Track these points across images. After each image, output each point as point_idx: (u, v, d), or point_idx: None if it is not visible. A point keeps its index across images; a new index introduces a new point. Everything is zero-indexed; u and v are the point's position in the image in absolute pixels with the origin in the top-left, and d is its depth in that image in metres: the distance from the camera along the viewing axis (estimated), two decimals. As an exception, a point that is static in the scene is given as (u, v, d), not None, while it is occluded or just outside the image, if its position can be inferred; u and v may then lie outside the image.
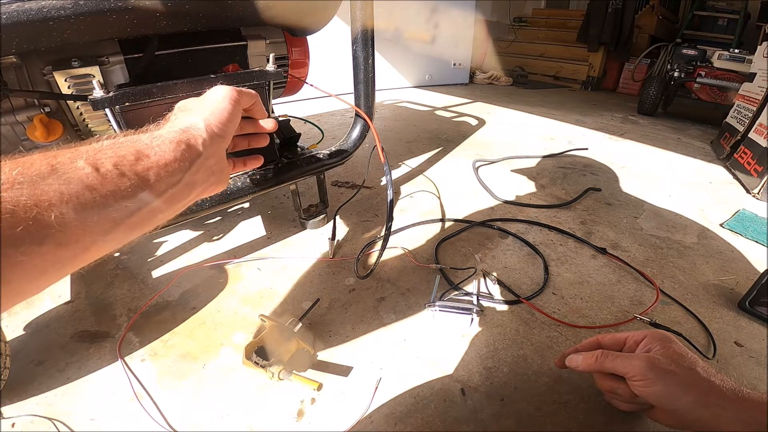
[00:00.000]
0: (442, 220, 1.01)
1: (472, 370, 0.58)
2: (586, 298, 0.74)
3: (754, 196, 1.24)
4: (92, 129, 0.70)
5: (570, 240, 0.94)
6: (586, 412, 0.52)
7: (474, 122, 2.04)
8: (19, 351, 0.59)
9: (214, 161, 0.35)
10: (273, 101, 0.81)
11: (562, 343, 0.63)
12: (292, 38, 0.86)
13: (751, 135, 1.42)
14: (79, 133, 0.71)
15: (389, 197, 0.70)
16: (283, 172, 0.78)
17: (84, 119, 0.68)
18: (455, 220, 1.01)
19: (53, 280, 0.25)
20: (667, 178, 1.38)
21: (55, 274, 0.25)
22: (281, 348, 0.55)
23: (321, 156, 0.85)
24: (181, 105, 0.39)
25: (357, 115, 0.88)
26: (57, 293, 0.72)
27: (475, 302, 0.69)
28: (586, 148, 1.62)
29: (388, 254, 0.85)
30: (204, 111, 0.36)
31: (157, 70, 0.66)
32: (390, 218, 0.68)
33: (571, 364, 0.51)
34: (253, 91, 0.42)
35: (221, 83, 0.55)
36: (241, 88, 0.40)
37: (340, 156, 0.87)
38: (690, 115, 2.45)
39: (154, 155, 0.29)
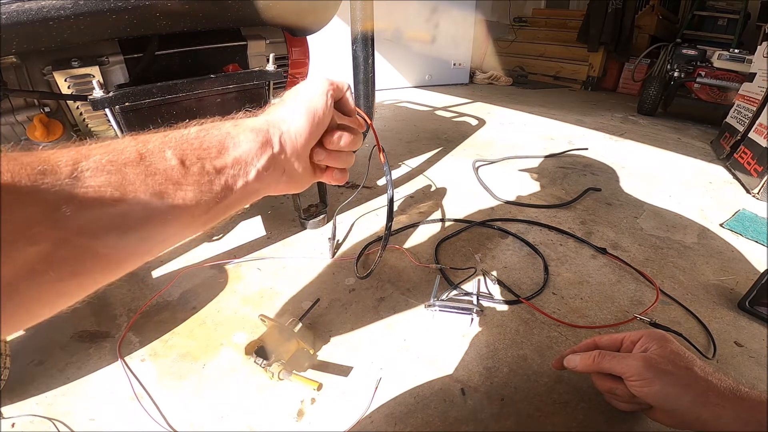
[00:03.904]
0: (442, 220, 1.01)
1: (472, 370, 0.58)
2: (586, 298, 0.74)
3: (754, 196, 1.24)
4: (92, 129, 0.70)
5: (570, 240, 0.94)
6: (586, 412, 0.52)
7: (474, 122, 2.04)
8: (19, 351, 0.59)
9: (288, 158, 0.32)
10: (273, 101, 0.81)
11: (562, 343, 0.63)
12: (292, 38, 0.86)
13: (751, 135, 1.42)
14: (79, 133, 0.71)
15: (389, 197, 0.70)
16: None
17: (84, 119, 0.68)
18: (455, 220, 1.01)
19: (129, 270, 0.25)
20: (667, 178, 1.38)
21: (132, 266, 0.25)
22: (281, 348, 0.55)
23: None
24: (284, 95, 0.36)
25: (357, 114, 0.88)
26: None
27: (475, 302, 0.69)
28: (586, 148, 1.62)
29: (388, 254, 0.85)
30: (293, 104, 0.33)
31: (157, 70, 0.66)
32: (390, 218, 0.68)
33: (569, 365, 0.51)
34: (343, 82, 0.37)
35: (221, 82, 0.54)
36: (332, 79, 0.36)
37: (340, 156, 0.87)
38: (690, 115, 2.45)
39: (233, 148, 0.28)
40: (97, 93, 0.53)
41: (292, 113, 0.33)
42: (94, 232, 0.21)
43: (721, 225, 1.04)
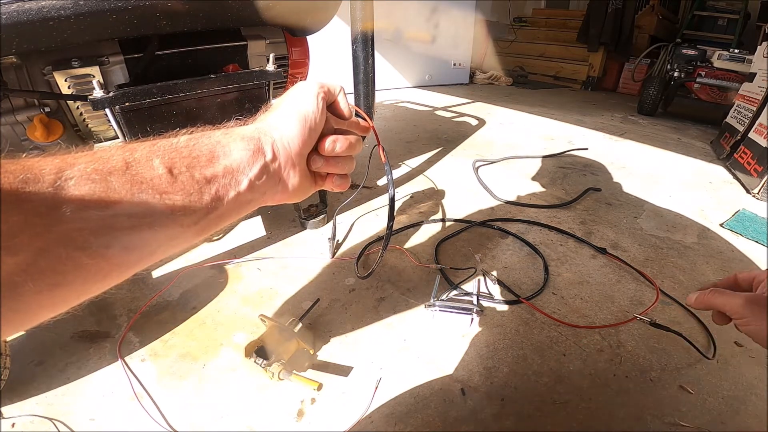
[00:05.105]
0: (443, 220, 1.01)
1: (472, 370, 0.58)
2: (586, 298, 0.74)
3: (754, 196, 1.24)
4: (92, 129, 0.70)
5: (570, 240, 0.94)
6: (586, 412, 0.52)
7: (474, 122, 2.04)
8: (19, 351, 0.59)
9: (282, 166, 0.31)
10: (271, 102, 0.82)
11: (562, 343, 0.63)
12: (292, 38, 0.86)
13: (751, 135, 1.42)
14: (79, 133, 0.71)
15: (391, 196, 0.70)
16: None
17: (84, 119, 0.68)
18: (455, 220, 1.01)
19: (115, 282, 0.24)
20: (667, 178, 1.38)
21: (118, 278, 0.24)
22: (281, 348, 0.55)
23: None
24: (273, 102, 0.34)
25: (357, 114, 0.88)
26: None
27: (475, 302, 0.69)
28: (586, 148, 1.62)
29: (388, 254, 0.85)
30: (284, 110, 0.32)
31: (157, 70, 0.66)
32: (391, 218, 0.68)
33: (689, 301, 0.49)
34: (335, 84, 0.35)
35: (221, 82, 0.53)
36: (324, 81, 0.35)
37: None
38: (690, 115, 2.45)
39: (224, 156, 0.28)
40: (98, 93, 0.53)
41: (283, 119, 0.31)
42: (76, 242, 0.20)
43: (721, 225, 1.04)
